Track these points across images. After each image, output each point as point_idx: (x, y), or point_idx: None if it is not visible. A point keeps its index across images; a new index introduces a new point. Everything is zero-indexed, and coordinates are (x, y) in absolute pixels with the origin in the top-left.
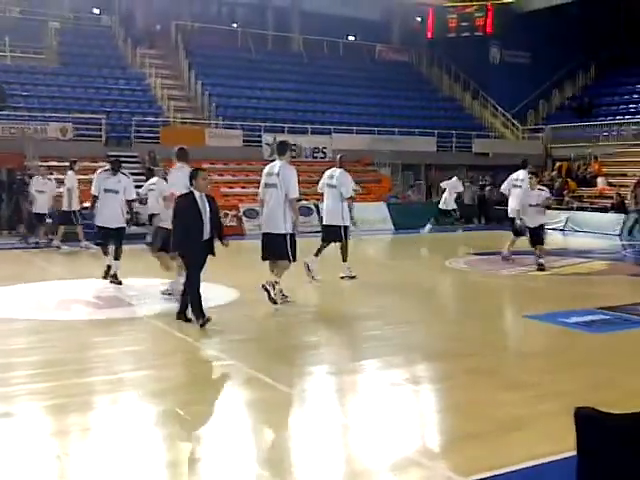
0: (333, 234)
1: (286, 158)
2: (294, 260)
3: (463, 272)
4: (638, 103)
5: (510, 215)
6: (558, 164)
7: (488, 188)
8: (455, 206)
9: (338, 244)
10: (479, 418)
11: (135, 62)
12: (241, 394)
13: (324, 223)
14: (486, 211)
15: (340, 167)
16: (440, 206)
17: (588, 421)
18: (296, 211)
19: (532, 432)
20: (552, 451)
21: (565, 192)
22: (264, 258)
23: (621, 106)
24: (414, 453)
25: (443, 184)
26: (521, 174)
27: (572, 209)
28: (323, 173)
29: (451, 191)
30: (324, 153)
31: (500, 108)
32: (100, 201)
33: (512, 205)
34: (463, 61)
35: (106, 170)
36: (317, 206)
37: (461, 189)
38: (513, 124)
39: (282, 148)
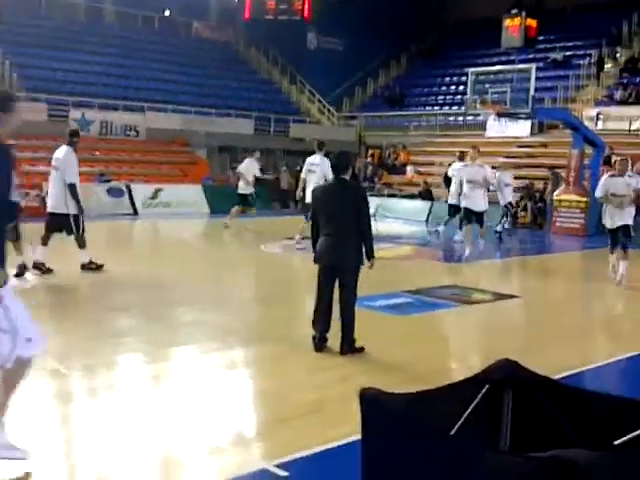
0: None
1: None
2: None
3: (278, 256)
4: (445, 95)
5: None
6: (371, 152)
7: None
8: (252, 190)
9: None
10: (286, 402)
11: None
12: (43, 386)
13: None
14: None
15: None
16: (239, 191)
17: (372, 402)
18: None
19: (332, 414)
20: (349, 432)
21: (376, 179)
22: None
23: (430, 97)
24: (226, 439)
25: (239, 168)
26: None
27: (383, 196)
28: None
29: (248, 174)
30: (137, 132)
31: (317, 94)
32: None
33: None
34: (281, 44)
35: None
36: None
37: (257, 173)
38: (329, 110)
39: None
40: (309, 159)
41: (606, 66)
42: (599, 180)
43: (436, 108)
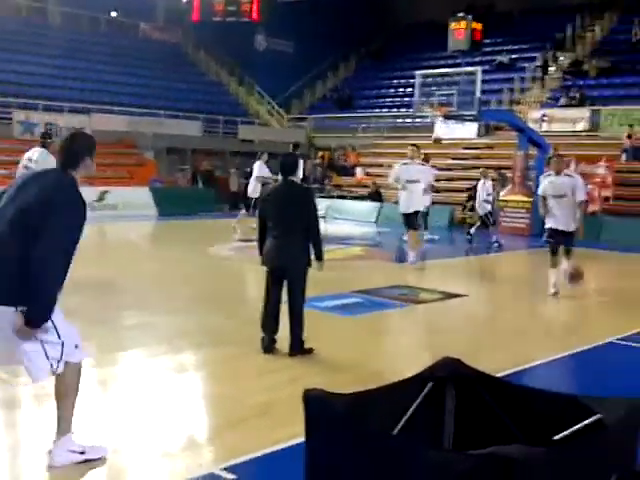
0: None
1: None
2: None
3: (227, 259)
4: (393, 97)
5: None
6: (321, 153)
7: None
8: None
9: None
10: (235, 405)
11: None
12: None
13: None
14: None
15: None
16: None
17: (315, 403)
18: None
19: (280, 415)
20: (298, 433)
21: (326, 181)
22: None
23: (378, 99)
24: (175, 443)
25: (257, 173)
26: None
27: (332, 197)
28: None
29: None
30: None
31: (266, 95)
32: None
33: None
34: (230, 46)
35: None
36: None
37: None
38: (278, 112)
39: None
40: None
41: (550, 69)
42: None
43: (384, 110)
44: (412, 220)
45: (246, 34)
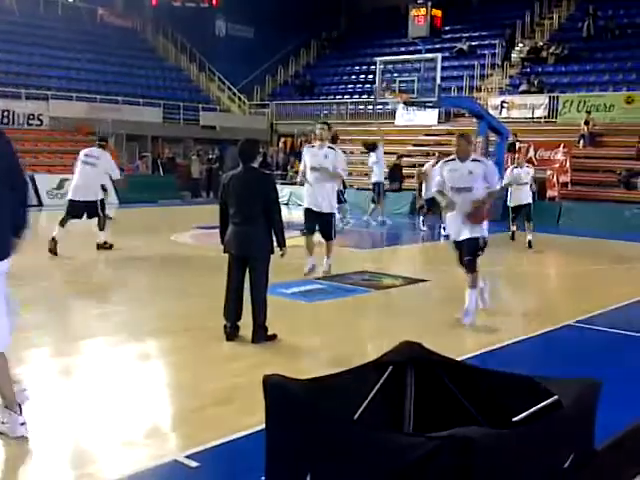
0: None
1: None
2: None
3: (187, 246)
4: (355, 84)
5: None
6: (283, 140)
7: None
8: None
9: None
10: (198, 392)
11: None
12: None
13: None
14: (214, 185)
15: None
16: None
17: (275, 388)
18: None
19: (243, 403)
20: (260, 420)
21: (289, 167)
22: None
23: (340, 86)
24: (138, 431)
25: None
26: None
27: (295, 184)
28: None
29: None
30: (40, 120)
31: (227, 82)
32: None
33: None
34: (189, 32)
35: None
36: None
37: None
38: (240, 98)
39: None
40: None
41: (511, 55)
42: (505, 167)
43: (346, 97)
44: (322, 224)
45: (206, 19)
